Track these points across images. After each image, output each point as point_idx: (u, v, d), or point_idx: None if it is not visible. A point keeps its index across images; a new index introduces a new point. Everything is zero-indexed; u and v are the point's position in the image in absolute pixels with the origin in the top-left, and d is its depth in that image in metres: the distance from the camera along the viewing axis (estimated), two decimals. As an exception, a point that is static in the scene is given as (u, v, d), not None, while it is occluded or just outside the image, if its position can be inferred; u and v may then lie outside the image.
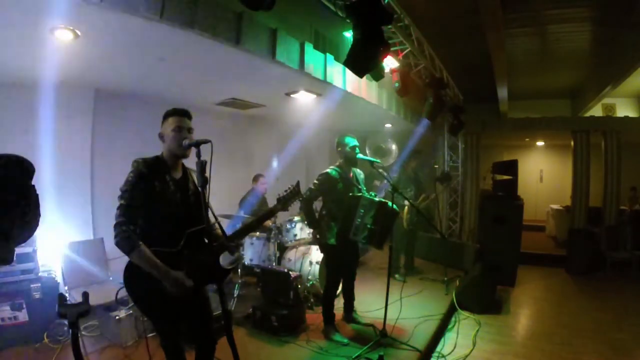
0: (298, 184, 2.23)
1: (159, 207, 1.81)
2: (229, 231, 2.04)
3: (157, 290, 1.77)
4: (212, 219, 1.93)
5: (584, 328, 3.89)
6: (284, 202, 2.18)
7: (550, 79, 7.19)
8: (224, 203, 4.90)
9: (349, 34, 4.26)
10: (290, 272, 3.58)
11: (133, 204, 1.74)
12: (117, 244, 1.71)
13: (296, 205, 4.37)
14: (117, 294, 2.95)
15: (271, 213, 2.18)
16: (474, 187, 7.84)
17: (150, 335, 2.84)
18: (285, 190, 2.20)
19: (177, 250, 1.82)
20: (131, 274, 1.82)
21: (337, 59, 4.29)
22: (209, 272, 1.88)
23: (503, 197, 5.68)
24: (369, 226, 3.04)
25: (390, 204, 3.09)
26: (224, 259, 2.03)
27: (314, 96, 4.71)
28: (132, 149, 4.13)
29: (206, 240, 1.91)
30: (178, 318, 1.91)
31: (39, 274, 3.20)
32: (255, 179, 5.13)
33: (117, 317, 3.05)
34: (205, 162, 1.71)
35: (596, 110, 7.72)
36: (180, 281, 1.77)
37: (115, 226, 1.71)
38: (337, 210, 3.26)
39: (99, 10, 2.17)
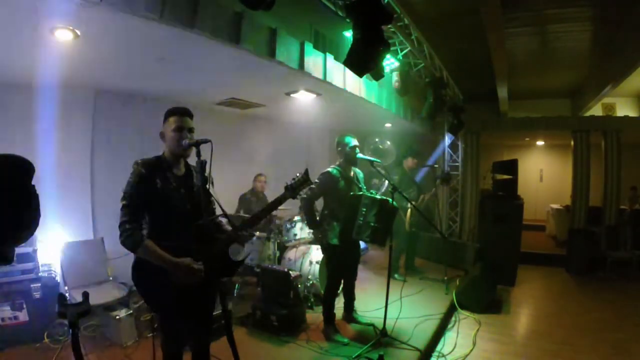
0: (307, 171, 2.15)
1: (163, 204, 1.83)
2: None
3: (167, 286, 1.79)
4: (221, 214, 1.95)
5: (584, 328, 3.89)
6: (292, 190, 2.12)
7: (550, 79, 7.18)
8: (224, 202, 4.90)
9: (349, 34, 4.25)
10: (290, 272, 3.58)
11: (135, 203, 1.76)
12: (123, 243, 1.74)
13: (297, 205, 4.37)
14: (129, 289, 2.94)
15: (280, 201, 2.13)
16: (474, 187, 7.83)
17: (150, 335, 2.85)
18: (294, 178, 2.13)
19: (185, 244, 1.83)
20: (140, 272, 1.84)
21: (337, 58, 4.28)
22: (219, 265, 1.88)
23: (503, 197, 5.69)
24: (372, 224, 3.03)
25: (390, 200, 3.10)
26: (234, 251, 2.02)
27: (314, 96, 4.70)
28: (132, 149, 4.15)
29: (214, 234, 1.92)
30: (187, 315, 1.90)
31: (39, 274, 3.20)
32: (255, 178, 5.14)
33: (117, 317, 3.04)
34: (205, 162, 1.72)
35: (596, 110, 7.71)
36: (190, 268, 1.78)
37: (120, 226, 1.74)
38: (338, 210, 3.26)
39: (99, 10, 2.16)
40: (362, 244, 4.04)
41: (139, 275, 1.85)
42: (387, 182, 3.30)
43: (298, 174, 2.14)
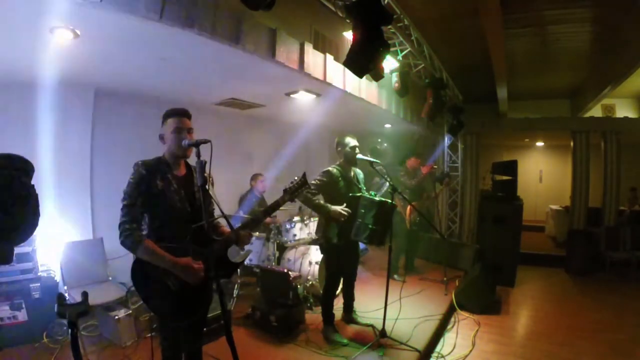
0: (304, 175, 2.24)
1: (163, 205, 1.84)
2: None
3: (166, 289, 1.79)
4: (220, 215, 1.96)
5: (583, 328, 3.90)
6: (291, 193, 2.20)
7: (550, 79, 7.19)
8: (223, 203, 4.89)
9: (349, 34, 4.26)
10: (290, 272, 3.58)
11: (135, 204, 1.78)
12: (122, 243, 1.75)
13: (296, 206, 4.33)
14: (127, 292, 2.99)
15: (279, 204, 2.19)
16: (473, 187, 7.84)
17: (149, 335, 2.85)
18: (292, 182, 2.22)
19: (184, 245, 1.84)
20: (139, 273, 1.84)
21: (337, 59, 4.29)
22: (218, 266, 1.89)
23: (502, 198, 5.69)
24: (370, 226, 3.03)
25: (390, 202, 3.09)
26: (232, 253, 2.03)
27: (314, 96, 4.70)
28: (132, 148, 4.15)
29: (212, 236, 1.93)
30: (187, 315, 1.90)
31: (38, 274, 3.20)
32: (254, 178, 5.13)
33: (116, 317, 3.04)
34: (205, 162, 1.72)
35: (596, 111, 7.72)
36: (190, 266, 1.79)
37: (119, 226, 1.76)
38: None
39: (99, 10, 2.16)
40: (362, 245, 4.04)
41: (139, 278, 1.85)
42: (387, 182, 3.29)
43: (296, 177, 2.20)
